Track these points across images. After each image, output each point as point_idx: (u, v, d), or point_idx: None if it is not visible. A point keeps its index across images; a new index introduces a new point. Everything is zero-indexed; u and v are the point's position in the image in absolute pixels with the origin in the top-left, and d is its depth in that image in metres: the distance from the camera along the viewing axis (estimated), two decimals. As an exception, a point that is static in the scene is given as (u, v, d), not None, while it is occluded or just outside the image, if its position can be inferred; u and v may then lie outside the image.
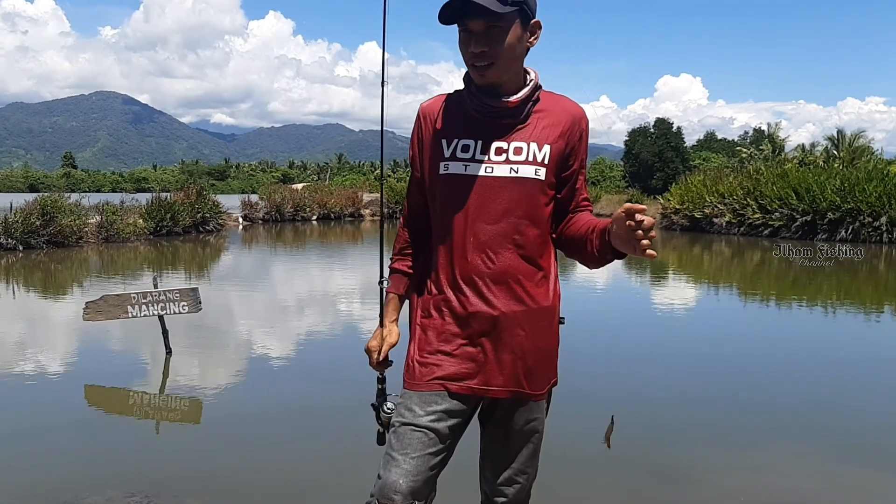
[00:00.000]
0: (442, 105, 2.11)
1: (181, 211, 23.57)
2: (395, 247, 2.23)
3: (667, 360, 7.20)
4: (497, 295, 2.00)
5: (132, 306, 6.72)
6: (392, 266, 2.21)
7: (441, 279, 2.06)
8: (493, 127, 2.02)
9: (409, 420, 1.98)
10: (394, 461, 1.95)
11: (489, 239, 2.01)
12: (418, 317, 2.10)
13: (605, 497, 3.91)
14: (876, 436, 4.98)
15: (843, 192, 21.22)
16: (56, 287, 13.12)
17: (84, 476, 4.13)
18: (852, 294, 12.15)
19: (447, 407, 2.00)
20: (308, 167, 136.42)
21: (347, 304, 10.93)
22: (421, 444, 1.95)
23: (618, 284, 13.56)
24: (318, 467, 4.30)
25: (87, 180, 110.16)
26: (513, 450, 2.12)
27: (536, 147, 2.02)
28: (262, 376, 6.57)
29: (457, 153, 2.03)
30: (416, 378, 2.03)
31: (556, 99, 2.11)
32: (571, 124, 2.08)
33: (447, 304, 2.04)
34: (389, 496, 1.93)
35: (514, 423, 2.09)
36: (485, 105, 2.02)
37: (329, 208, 34.08)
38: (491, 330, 2.01)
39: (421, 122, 2.12)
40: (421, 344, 2.06)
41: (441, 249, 2.07)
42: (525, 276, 2.03)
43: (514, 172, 2.00)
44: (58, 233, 18.40)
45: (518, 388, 2.04)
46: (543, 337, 2.08)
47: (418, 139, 2.13)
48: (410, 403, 2.00)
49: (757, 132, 63.50)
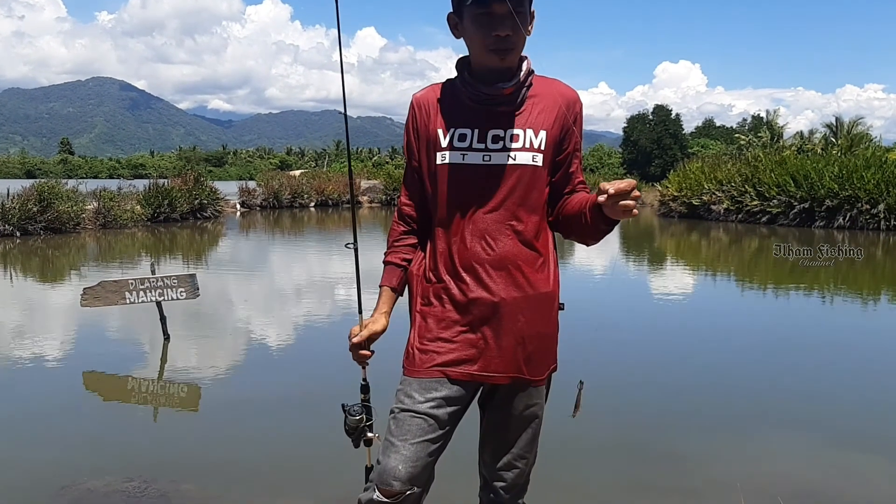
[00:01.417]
0: (435, 94, 2.11)
1: (179, 197, 23.53)
2: (388, 240, 2.22)
3: (662, 347, 7.22)
4: (497, 281, 2.01)
5: (130, 292, 6.72)
6: (386, 259, 2.20)
7: (440, 267, 2.07)
8: (489, 115, 2.03)
9: (409, 406, 1.98)
10: (393, 447, 1.96)
11: (488, 226, 2.02)
12: (418, 304, 2.10)
13: (600, 484, 3.92)
14: (873, 423, 4.99)
15: (842, 179, 21.19)
16: (54, 273, 13.10)
17: (82, 461, 4.14)
18: (849, 282, 12.16)
19: (447, 394, 2.00)
20: (306, 154, 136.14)
21: (345, 290, 10.93)
22: (420, 431, 1.96)
23: (615, 272, 13.56)
24: (315, 453, 4.30)
25: (84, 166, 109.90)
26: (512, 435, 2.13)
27: (533, 133, 2.03)
28: (260, 362, 6.58)
29: (454, 142, 2.03)
30: (415, 365, 2.03)
31: (549, 83, 2.11)
32: (566, 108, 2.08)
33: (447, 292, 2.05)
34: (388, 482, 1.93)
35: (514, 409, 2.09)
36: (480, 93, 2.02)
37: (327, 195, 34.01)
38: (491, 316, 2.01)
39: (415, 112, 2.13)
40: (421, 331, 2.07)
41: (440, 238, 2.07)
42: (525, 262, 2.04)
43: (512, 160, 2.01)
44: (55, 219, 18.37)
45: (518, 373, 2.05)
46: (543, 323, 2.08)
47: (413, 129, 2.13)
48: (410, 390, 2.01)
49: (755, 119, 63.45)
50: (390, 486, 1.93)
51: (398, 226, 2.21)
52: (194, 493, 3.70)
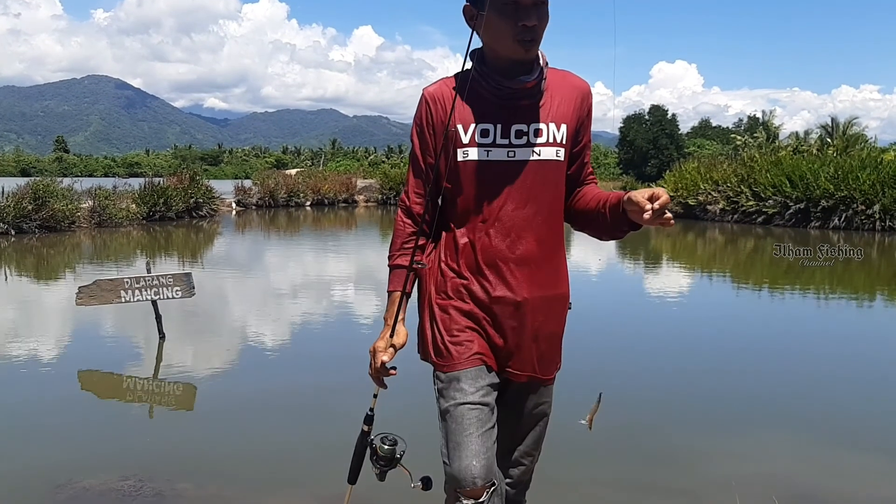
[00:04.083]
0: (449, 88, 2.04)
1: (174, 196, 23.48)
2: (395, 241, 2.11)
3: (656, 346, 7.22)
4: (520, 280, 1.99)
5: (125, 291, 6.70)
6: (395, 262, 2.09)
7: (461, 263, 2.02)
8: (511, 109, 1.99)
9: (463, 399, 1.93)
10: (460, 446, 1.89)
11: (514, 224, 1.99)
12: (435, 298, 2.05)
13: (594, 483, 3.93)
14: (868, 422, 5.01)
15: (837, 179, 21.22)
16: (49, 272, 13.07)
17: (78, 460, 4.14)
18: (844, 282, 12.18)
19: (490, 381, 1.99)
20: (302, 153, 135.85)
21: (341, 290, 10.92)
22: (480, 422, 1.91)
23: (609, 270, 13.59)
24: (310, 451, 4.30)
25: (80, 165, 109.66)
26: (522, 432, 2.13)
27: (555, 127, 2.01)
28: (256, 362, 6.57)
29: (476, 138, 1.98)
30: (454, 358, 1.98)
31: (562, 75, 2.09)
32: (581, 100, 2.07)
33: (468, 289, 2.01)
34: (471, 482, 1.87)
35: (526, 407, 2.10)
36: (502, 87, 1.97)
37: (323, 194, 33.99)
38: (514, 315, 2.00)
39: (429, 106, 2.04)
40: (446, 324, 2.01)
41: (462, 234, 2.03)
42: (546, 261, 2.03)
43: (537, 155, 1.99)
44: (50, 217, 18.33)
45: (533, 372, 2.05)
46: (557, 322, 2.09)
47: (428, 124, 2.05)
48: (459, 384, 1.95)
49: (752, 119, 63.65)
50: (474, 486, 1.87)
51: (406, 226, 2.10)
52: (190, 491, 3.70)
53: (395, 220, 2.14)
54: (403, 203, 2.12)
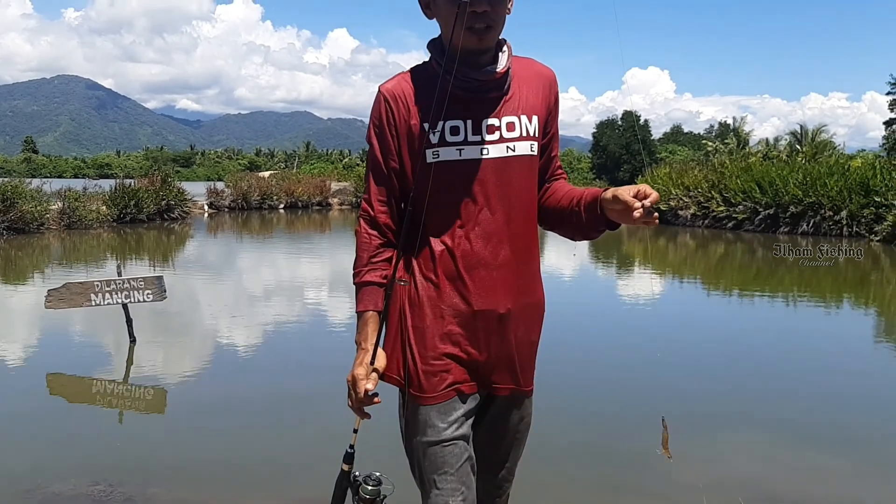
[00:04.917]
0: (409, 84, 1.88)
1: (145, 198, 23.24)
2: (360, 255, 1.90)
3: (628, 350, 7.28)
4: (503, 289, 1.87)
5: (95, 294, 6.64)
6: (364, 279, 1.88)
7: (439, 273, 1.86)
8: (480, 103, 1.84)
9: (436, 438, 1.83)
10: (438, 485, 1.82)
11: (497, 227, 1.85)
12: (409, 318, 1.87)
13: (564, 484, 3.96)
14: (835, 424, 5.10)
15: (806, 186, 21.54)
16: (16, 274, 12.89)
17: (47, 465, 4.09)
18: (812, 286, 12.38)
19: (465, 410, 1.87)
20: (275, 155, 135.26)
21: (314, 293, 10.90)
22: (455, 457, 1.83)
23: (581, 275, 13.68)
24: (282, 454, 4.29)
25: (49, 166, 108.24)
26: (505, 448, 2.02)
27: (527, 119, 1.87)
28: (227, 365, 6.54)
29: (446, 137, 1.82)
30: (426, 391, 1.84)
31: (527, 63, 1.95)
32: (549, 89, 1.95)
33: (446, 300, 1.86)
34: None
35: (511, 422, 1.99)
36: (469, 79, 1.81)
37: (297, 197, 33.79)
38: (496, 328, 1.88)
39: (389, 105, 1.86)
40: (421, 350, 1.86)
41: (437, 241, 1.86)
42: (525, 266, 1.92)
43: (511, 151, 1.85)
44: (18, 219, 18.07)
45: (515, 384, 1.94)
46: (535, 330, 1.99)
47: (389, 125, 1.86)
48: (430, 419, 1.84)
49: (722, 126, 64.36)
50: None
51: (373, 237, 1.89)
52: (161, 495, 3.68)
53: (358, 233, 1.94)
54: (366, 213, 1.91)
